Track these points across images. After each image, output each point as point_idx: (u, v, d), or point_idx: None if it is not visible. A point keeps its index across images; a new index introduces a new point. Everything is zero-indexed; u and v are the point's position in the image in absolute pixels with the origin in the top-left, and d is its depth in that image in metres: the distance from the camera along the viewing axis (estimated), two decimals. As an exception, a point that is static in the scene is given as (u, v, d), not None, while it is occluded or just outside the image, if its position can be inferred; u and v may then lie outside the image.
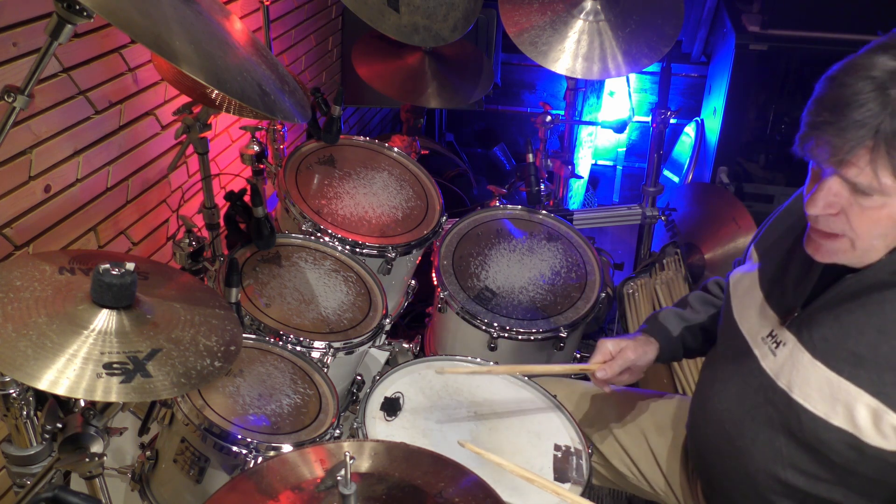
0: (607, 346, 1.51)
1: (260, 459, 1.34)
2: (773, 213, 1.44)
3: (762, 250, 1.40)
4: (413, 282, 2.16)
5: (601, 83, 3.87)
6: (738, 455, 1.32)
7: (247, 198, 1.76)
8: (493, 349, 1.92)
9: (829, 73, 1.10)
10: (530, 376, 1.64)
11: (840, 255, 1.15)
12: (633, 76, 4.13)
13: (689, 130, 4.02)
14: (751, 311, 1.34)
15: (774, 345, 1.27)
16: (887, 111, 1.02)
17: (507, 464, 1.26)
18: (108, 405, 1.15)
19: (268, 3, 2.26)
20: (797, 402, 1.21)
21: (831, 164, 1.08)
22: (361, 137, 2.24)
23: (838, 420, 1.16)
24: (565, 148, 3.20)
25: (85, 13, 1.07)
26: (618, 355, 1.50)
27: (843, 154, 1.05)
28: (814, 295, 1.23)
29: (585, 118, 3.82)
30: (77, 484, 1.21)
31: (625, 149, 4.37)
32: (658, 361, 1.56)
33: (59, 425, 1.14)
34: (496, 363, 1.67)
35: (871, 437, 1.13)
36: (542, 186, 2.47)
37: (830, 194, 1.10)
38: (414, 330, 2.53)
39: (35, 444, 1.21)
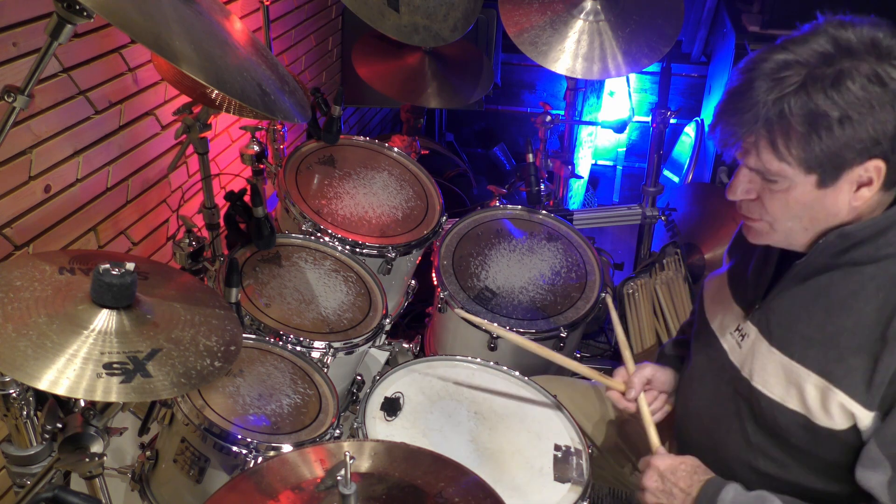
0: (626, 371, 1.52)
1: (260, 459, 1.34)
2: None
3: (732, 254, 1.46)
4: (413, 282, 2.16)
5: (601, 83, 3.87)
6: (716, 448, 1.36)
7: (247, 198, 1.76)
8: (492, 349, 1.91)
9: (738, 65, 1.17)
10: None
11: (766, 237, 1.23)
12: (633, 76, 4.13)
13: (689, 130, 4.02)
14: (720, 309, 1.40)
15: (740, 338, 1.32)
16: (770, 97, 1.08)
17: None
18: (108, 405, 1.15)
19: (268, 3, 2.26)
20: (757, 388, 1.25)
21: (732, 150, 1.16)
22: (361, 137, 2.24)
23: (792, 403, 1.21)
24: (565, 148, 3.20)
25: (85, 13, 1.07)
26: (636, 371, 1.50)
27: (737, 139, 1.13)
28: (771, 286, 1.28)
29: (585, 118, 3.81)
30: (77, 484, 1.21)
31: (625, 149, 4.37)
32: None
33: (59, 425, 1.14)
34: (496, 363, 1.68)
35: (821, 417, 1.18)
36: (542, 186, 2.47)
37: (745, 180, 1.18)
38: (414, 330, 2.53)
39: (35, 444, 1.21)
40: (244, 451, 1.34)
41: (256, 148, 2.14)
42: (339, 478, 1.01)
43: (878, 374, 1.11)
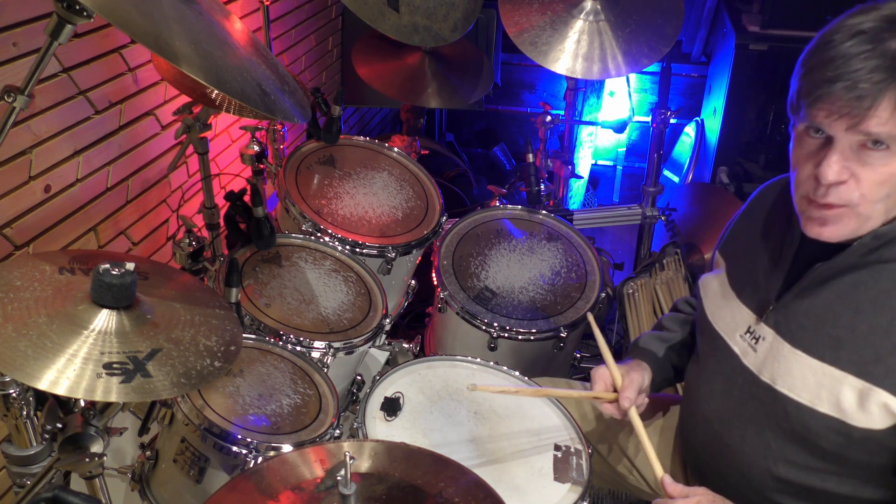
0: (608, 373, 1.45)
1: (260, 459, 1.34)
2: (733, 218, 1.46)
3: (727, 253, 1.42)
4: (413, 282, 2.16)
5: (601, 83, 3.87)
6: (729, 454, 1.33)
7: (247, 198, 1.76)
8: (493, 349, 1.92)
9: (812, 44, 1.11)
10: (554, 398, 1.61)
11: (845, 228, 1.14)
12: (633, 76, 4.13)
13: (689, 130, 4.02)
14: (725, 311, 1.36)
15: (754, 340, 1.28)
16: (889, 56, 1.03)
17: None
18: (108, 405, 1.15)
19: (268, 3, 2.26)
20: (782, 393, 1.22)
21: (845, 123, 1.07)
22: (361, 137, 2.24)
23: (824, 407, 1.17)
24: (565, 148, 3.20)
25: (85, 13, 1.07)
26: (626, 380, 1.44)
27: (864, 108, 1.04)
28: (786, 287, 1.25)
29: (585, 118, 3.82)
30: (77, 484, 1.21)
31: (625, 149, 4.37)
32: (653, 388, 1.51)
33: (59, 425, 1.14)
34: (496, 362, 1.68)
35: (858, 419, 1.14)
36: (542, 186, 2.47)
37: (841, 159, 1.09)
38: (414, 330, 2.54)
39: (35, 444, 1.21)
40: (244, 451, 1.34)
41: (256, 148, 2.14)
42: (339, 478, 1.01)
43: None
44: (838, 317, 1.17)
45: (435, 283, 2.01)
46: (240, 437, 1.35)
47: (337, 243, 1.93)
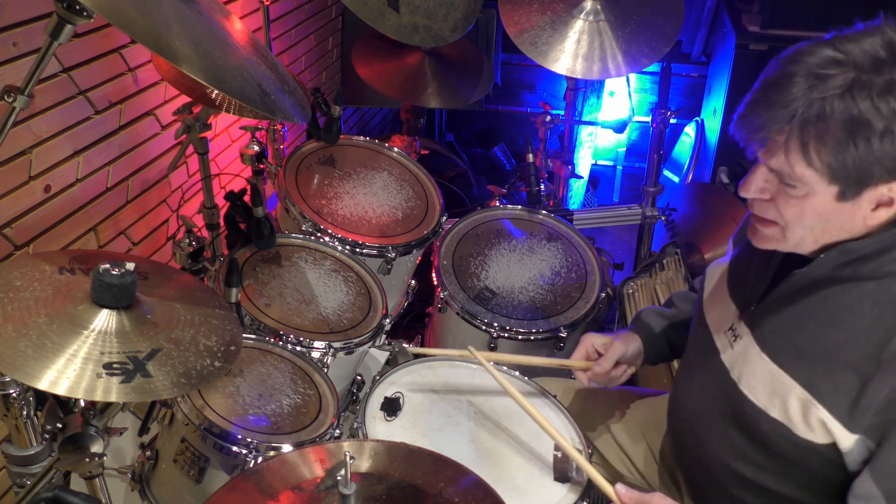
0: (594, 340, 1.54)
1: (260, 459, 1.34)
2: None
3: (737, 242, 1.43)
4: (413, 282, 2.16)
5: (601, 83, 3.87)
6: (699, 446, 1.35)
7: (247, 198, 1.76)
8: (493, 349, 1.92)
9: (774, 59, 1.12)
10: (514, 366, 1.66)
11: (773, 242, 1.18)
12: (633, 76, 4.13)
13: (689, 130, 4.02)
14: (717, 304, 1.37)
15: (733, 338, 1.29)
16: (811, 95, 1.03)
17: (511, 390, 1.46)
18: (108, 405, 1.15)
19: (268, 3, 2.26)
20: (743, 393, 1.24)
21: (756, 146, 1.11)
22: (361, 137, 2.24)
23: (775, 412, 1.19)
24: (565, 148, 3.20)
25: (85, 13, 1.07)
26: (609, 348, 1.52)
27: (766, 135, 1.08)
28: (768, 290, 1.26)
29: (585, 118, 3.82)
30: (77, 484, 1.21)
31: (625, 149, 4.37)
32: (646, 361, 1.57)
33: (59, 425, 1.14)
34: (497, 363, 1.68)
35: (801, 429, 1.16)
36: (542, 186, 2.47)
37: (762, 179, 1.13)
38: (414, 330, 2.53)
39: (35, 444, 1.22)
40: (244, 451, 1.34)
41: (256, 148, 2.14)
42: (339, 478, 1.01)
43: (865, 397, 1.09)
44: (804, 327, 1.18)
45: (435, 283, 2.02)
46: (240, 437, 1.35)
47: (337, 243, 1.93)
